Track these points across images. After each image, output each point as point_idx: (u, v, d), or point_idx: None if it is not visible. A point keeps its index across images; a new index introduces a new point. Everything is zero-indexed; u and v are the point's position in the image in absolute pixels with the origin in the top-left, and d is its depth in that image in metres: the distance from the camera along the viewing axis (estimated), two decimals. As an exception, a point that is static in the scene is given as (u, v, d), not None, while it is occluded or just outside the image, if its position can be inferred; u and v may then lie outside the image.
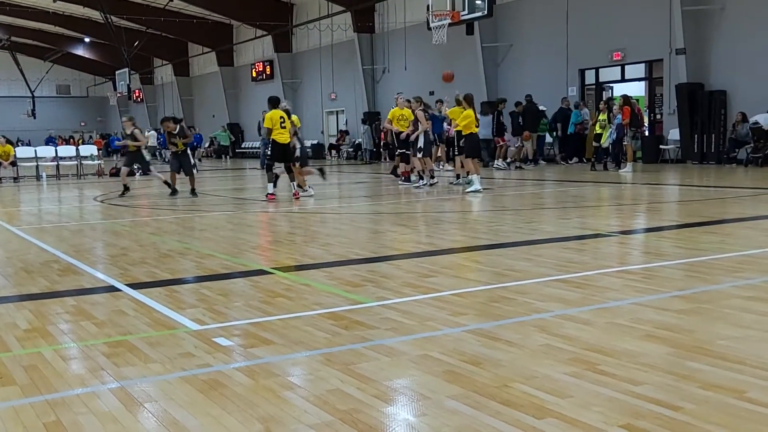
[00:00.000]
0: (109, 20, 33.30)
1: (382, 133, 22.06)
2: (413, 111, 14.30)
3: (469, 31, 22.81)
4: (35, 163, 22.54)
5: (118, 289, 5.48)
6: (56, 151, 23.97)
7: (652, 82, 20.96)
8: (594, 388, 3.06)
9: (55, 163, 22.70)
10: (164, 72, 47.02)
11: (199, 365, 3.56)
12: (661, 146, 20.12)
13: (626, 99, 17.75)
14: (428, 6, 20.03)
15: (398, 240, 8.14)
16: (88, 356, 3.81)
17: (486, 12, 19.28)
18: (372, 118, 28.63)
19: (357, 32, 29.21)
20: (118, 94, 38.85)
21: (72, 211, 13.09)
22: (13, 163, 21.52)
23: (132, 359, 3.69)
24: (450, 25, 19.58)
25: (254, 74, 37.31)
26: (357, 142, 30.28)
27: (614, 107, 17.37)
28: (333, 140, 32.92)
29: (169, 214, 11.46)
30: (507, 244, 7.26)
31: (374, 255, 7.04)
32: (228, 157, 36.00)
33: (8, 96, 49.20)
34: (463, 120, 13.41)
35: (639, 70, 21.13)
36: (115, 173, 22.28)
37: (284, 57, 35.07)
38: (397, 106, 15.10)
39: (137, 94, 41.24)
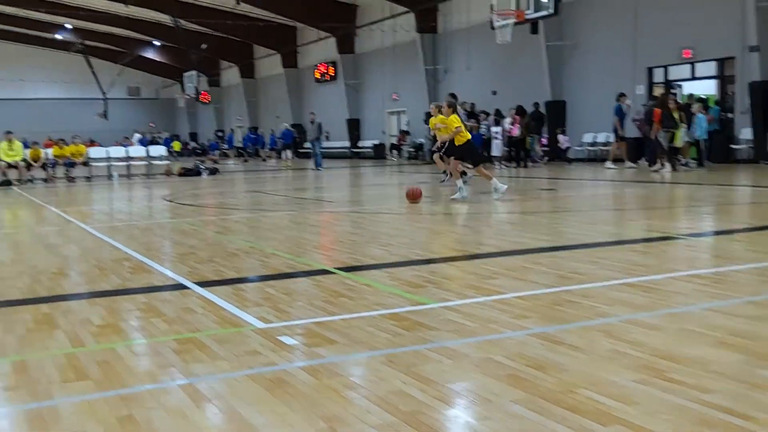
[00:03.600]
0: (178, 24, 34.15)
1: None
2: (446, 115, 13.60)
3: (534, 30, 22.54)
4: (107, 163, 23.27)
5: (186, 287, 5.62)
6: (127, 151, 24.69)
7: (724, 80, 20.35)
8: (662, 395, 3.00)
9: (126, 163, 23.41)
10: (231, 74, 47.92)
11: (264, 363, 3.62)
12: (732, 146, 19.52)
13: (661, 99, 17.43)
14: (492, 5, 19.89)
15: (459, 240, 8.11)
16: (158, 352, 3.92)
17: (552, 11, 19.02)
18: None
19: (419, 32, 29.21)
20: (186, 96, 39.76)
21: (142, 210, 13.47)
22: (86, 163, 22.28)
23: (200, 356, 3.78)
24: (514, 24, 19.41)
25: (317, 75, 37.71)
26: (418, 142, 30.28)
27: (694, 107, 16.98)
28: (394, 140, 33.00)
29: (235, 213, 11.69)
30: (570, 246, 7.16)
31: (435, 255, 7.03)
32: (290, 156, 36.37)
33: (82, 98, 50.90)
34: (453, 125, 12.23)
35: (710, 68, 20.53)
36: (184, 173, 22.84)
37: (347, 58, 35.32)
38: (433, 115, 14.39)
39: (204, 96, 42.13)
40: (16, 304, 5.20)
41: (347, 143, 35.71)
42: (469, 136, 12.55)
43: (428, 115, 28.62)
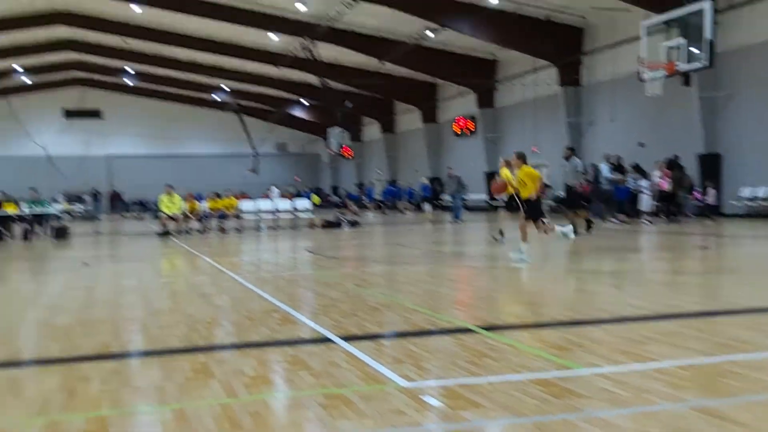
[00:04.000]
0: (325, 84, 35.73)
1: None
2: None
3: (686, 81, 21.62)
4: (256, 215, 24.39)
5: (331, 341, 5.72)
6: (274, 204, 25.80)
7: None
8: None
9: (274, 215, 24.45)
10: (372, 129, 49.33)
11: (409, 423, 3.61)
12: None
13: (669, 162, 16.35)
14: (640, 58, 19.39)
15: (606, 301, 7.81)
16: (306, 406, 4.00)
17: (707, 63, 18.00)
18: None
19: (562, 86, 28.91)
20: (330, 151, 41.21)
21: (287, 261, 13.97)
22: (237, 215, 23.46)
23: (347, 412, 3.82)
24: (665, 77, 18.77)
25: (456, 130, 38.04)
26: (560, 195, 29.65)
27: None
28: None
29: (374, 266, 11.87)
30: (730, 311, 6.71)
31: (581, 316, 6.80)
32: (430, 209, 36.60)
33: (234, 154, 53.96)
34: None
35: None
36: (326, 225, 23.55)
37: (486, 112, 35.47)
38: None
39: (347, 151, 43.51)
40: (176, 353, 5.50)
41: (485, 196, 35.57)
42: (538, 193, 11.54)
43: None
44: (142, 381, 4.63)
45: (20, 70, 43.27)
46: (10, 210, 21.66)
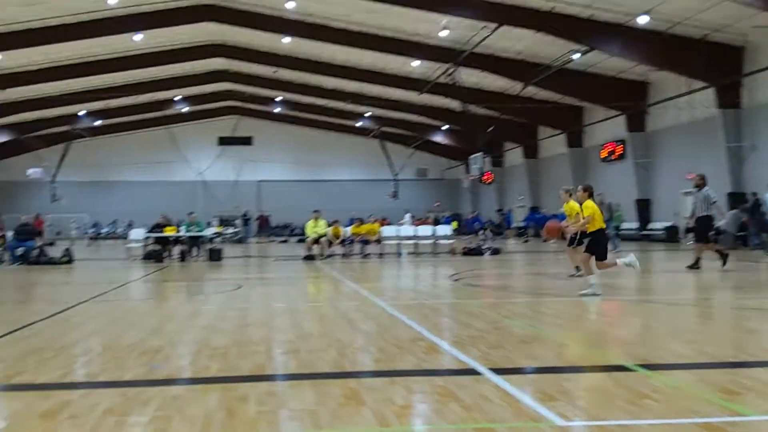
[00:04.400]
0: (467, 109, 35.75)
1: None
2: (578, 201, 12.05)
3: None
4: (397, 241, 24.64)
5: (479, 373, 5.61)
6: (415, 230, 25.97)
7: None
8: None
9: (414, 241, 24.60)
10: (513, 155, 48.75)
11: (568, 466, 3.45)
12: None
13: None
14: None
15: (778, 342, 7.21)
16: (458, 440, 3.93)
17: None
18: (737, 199, 26.24)
19: (720, 108, 27.34)
20: (471, 177, 41.11)
21: (429, 288, 13.95)
22: (378, 240, 23.79)
23: (500, 450, 3.71)
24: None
25: (604, 154, 36.86)
26: (720, 225, 27.89)
27: None
28: (690, 222, 30.76)
29: (519, 296, 11.62)
30: None
31: (751, 358, 6.30)
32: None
33: (374, 179, 55.01)
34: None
35: None
36: (468, 252, 23.40)
37: (637, 136, 34.14)
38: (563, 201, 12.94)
39: (488, 176, 43.24)
40: (326, 377, 5.58)
41: (636, 225, 34.14)
42: (602, 226, 11.09)
43: (730, 196, 26.57)
44: (296, 404, 4.73)
45: (180, 100, 46.40)
46: (170, 232, 23.10)
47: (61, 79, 36.37)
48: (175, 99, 46.07)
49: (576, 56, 29.18)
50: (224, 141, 55.57)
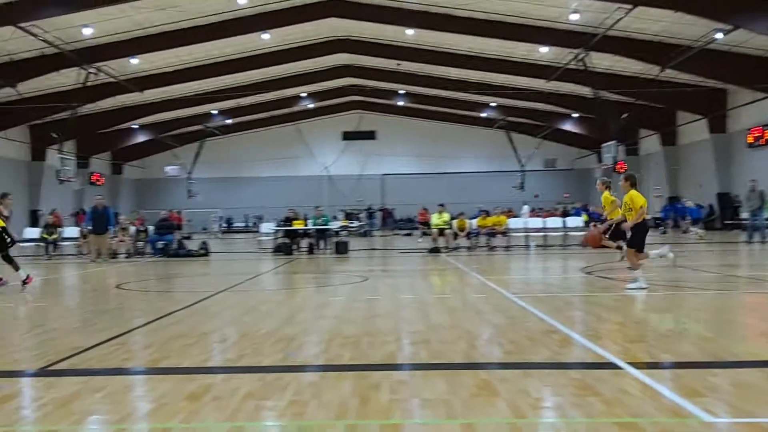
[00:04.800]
0: (599, 95, 34.51)
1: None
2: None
3: None
4: (524, 233, 24.22)
5: (618, 367, 5.39)
6: (543, 221, 25.43)
7: None
8: None
9: (542, 233, 24.10)
10: (650, 142, 46.65)
11: (721, 466, 3.23)
12: None
13: None
14: None
15: None
16: (598, 435, 3.79)
17: None
18: None
19: None
20: (603, 167, 39.73)
21: (560, 281, 13.60)
22: (505, 233, 23.47)
23: (645, 446, 3.54)
24: None
25: (750, 140, 34.62)
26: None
27: None
28: None
29: (658, 289, 11.09)
30: None
31: None
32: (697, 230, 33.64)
33: (500, 171, 54.29)
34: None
35: None
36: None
37: (788, 119, 31.85)
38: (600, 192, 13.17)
39: (621, 166, 41.59)
40: (457, 368, 5.53)
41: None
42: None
43: None
44: (428, 393, 4.71)
45: (305, 96, 47.61)
46: (298, 226, 23.75)
47: (194, 80, 38.09)
48: (301, 95, 47.30)
49: (719, 36, 27.42)
50: (348, 136, 56.58)
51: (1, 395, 4.92)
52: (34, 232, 25.20)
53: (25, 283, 12.08)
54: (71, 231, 26.10)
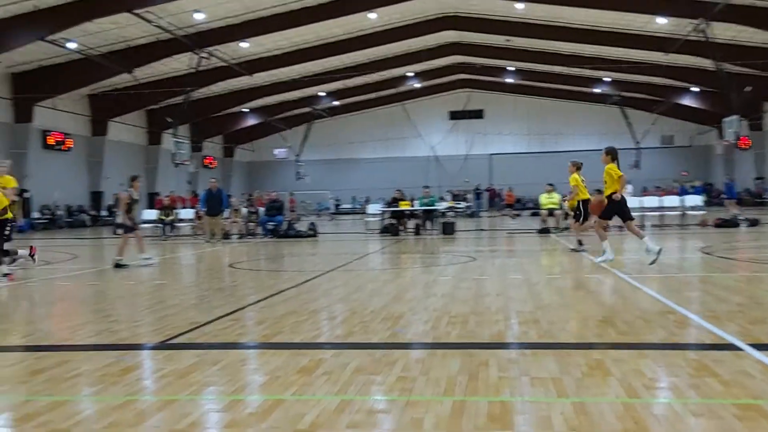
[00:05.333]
0: (720, 67, 32.68)
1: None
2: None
3: None
4: (640, 213, 23.34)
5: (738, 348, 5.14)
6: (660, 200, 24.45)
7: None
8: None
9: (659, 213, 23.18)
10: (775, 116, 43.97)
11: None
12: None
13: None
14: None
15: None
16: (718, 415, 3.63)
17: None
18: None
19: None
20: (725, 143, 37.73)
21: (678, 261, 13.05)
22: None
23: (765, 425, 3.36)
24: None
25: None
26: None
27: None
28: None
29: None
30: None
31: None
32: None
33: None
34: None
35: None
36: (721, 224, 21.58)
37: None
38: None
39: (744, 141, 39.33)
40: (568, 347, 5.41)
41: None
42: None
43: None
44: (538, 372, 4.63)
45: (412, 76, 47.55)
46: (405, 207, 23.84)
47: (302, 62, 38.77)
48: (408, 75, 47.28)
49: None
50: (455, 115, 56.20)
51: (125, 366, 5.20)
52: (152, 214, 26.46)
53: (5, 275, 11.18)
54: (186, 213, 27.24)
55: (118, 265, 12.73)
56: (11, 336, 6.57)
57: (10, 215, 11.48)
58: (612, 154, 11.45)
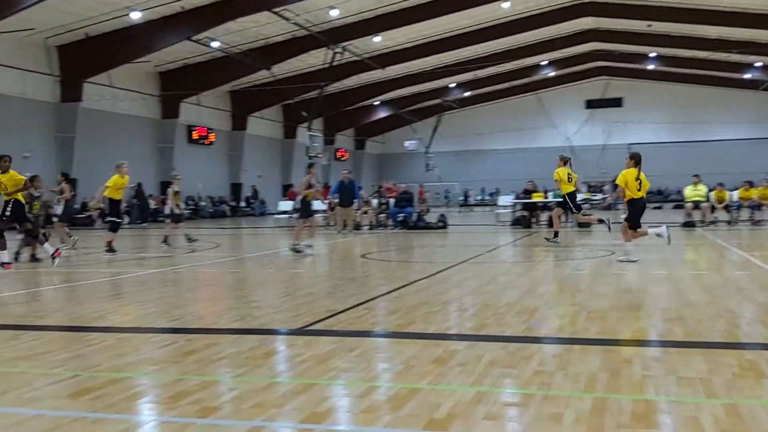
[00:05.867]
0: None
1: None
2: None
3: None
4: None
5: None
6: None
7: None
8: None
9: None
10: None
11: None
12: None
13: None
14: None
15: None
16: None
17: None
18: None
19: None
20: None
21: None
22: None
23: None
24: None
25: None
26: None
27: None
28: None
29: None
30: None
31: None
32: None
33: (765, 137, 49.16)
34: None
35: None
36: None
37: None
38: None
39: None
40: (717, 347, 5.12)
41: None
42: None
43: None
44: (685, 371, 4.40)
45: (546, 64, 46.43)
46: (538, 198, 23.35)
47: (433, 54, 38.74)
48: (542, 64, 46.24)
49: None
50: (592, 104, 54.42)
51: (266, 350, 5.40)
52: (287, 205, 27.28)
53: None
54: (319, 204, 27.88)
55: (295, 250, 13.51)
56: (162, 318, 6.97)
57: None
58: (635, 159, 11.43)
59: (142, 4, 26.24)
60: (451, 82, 47.24)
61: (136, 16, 26.83)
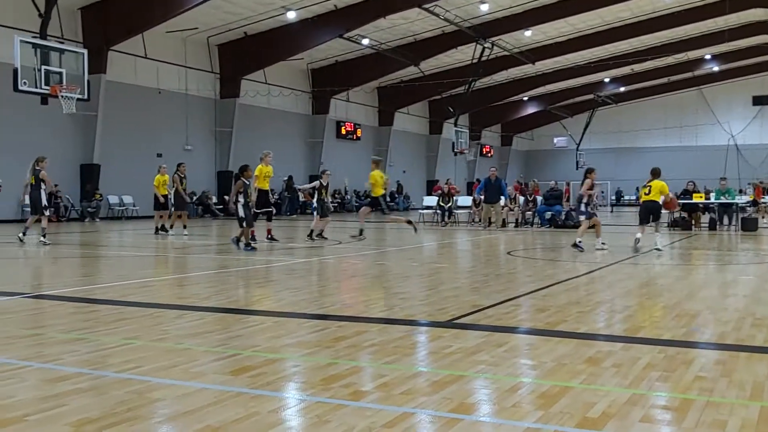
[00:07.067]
0: None
1: None
2: None
3: None
4: None
5: None
6: None
7: None
8: None
9: None
10: None
11: None
12: None
13: None
14: None
15: None
16: None
17: None
18: None
19: None
20: None
21: None
22: None
23: None
24: None
25: None
26: None
27: None
28: None
29: None
30: None
31: None
32: None
33: None
34: None
35: None
36: None
37: None
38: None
39: None
40: None
41: None
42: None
43: None
44: None
45: (709, 58, 43.77)
46: (698, 199, 22.08)
47: (586, 48, 37.58)
48: (705, 58, 43.66)
49: None
50: (761, 100, 50.80)
51: (414, 341, 5.46)
52: (431, 201, 27.38)
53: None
54: (464, 200, 27.83)
55: (575, 246, 13.52)
56: (314, 305, 7.21)
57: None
58: (655, 173, 13.82)
59: (297, 3, 27.23)
60: (606, 76, 45.63)
61: (291, 15, 27.90)
